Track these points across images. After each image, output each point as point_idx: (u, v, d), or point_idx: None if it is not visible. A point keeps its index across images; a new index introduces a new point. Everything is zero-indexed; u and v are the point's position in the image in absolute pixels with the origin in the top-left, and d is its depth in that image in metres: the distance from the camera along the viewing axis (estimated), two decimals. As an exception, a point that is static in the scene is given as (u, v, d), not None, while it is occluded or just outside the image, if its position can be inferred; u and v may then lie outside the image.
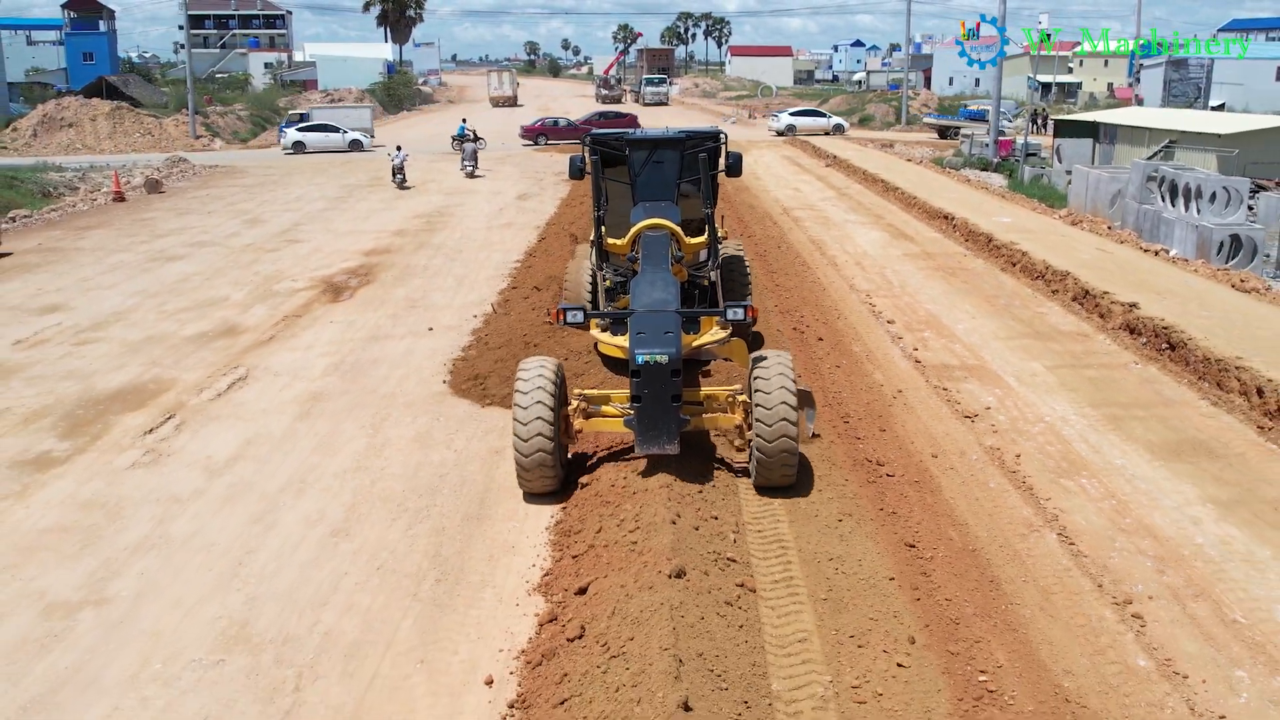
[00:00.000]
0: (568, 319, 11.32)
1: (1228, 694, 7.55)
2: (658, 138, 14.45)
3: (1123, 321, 17.05)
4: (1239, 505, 10.67)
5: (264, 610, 8.98)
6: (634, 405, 10.23)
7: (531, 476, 10.57)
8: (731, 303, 12.26)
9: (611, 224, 14.55)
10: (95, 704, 7.73)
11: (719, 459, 11.57)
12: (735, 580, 8.80)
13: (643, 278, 11.79)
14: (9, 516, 11.03)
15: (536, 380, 10.41)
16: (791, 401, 10.13)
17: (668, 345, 10.21)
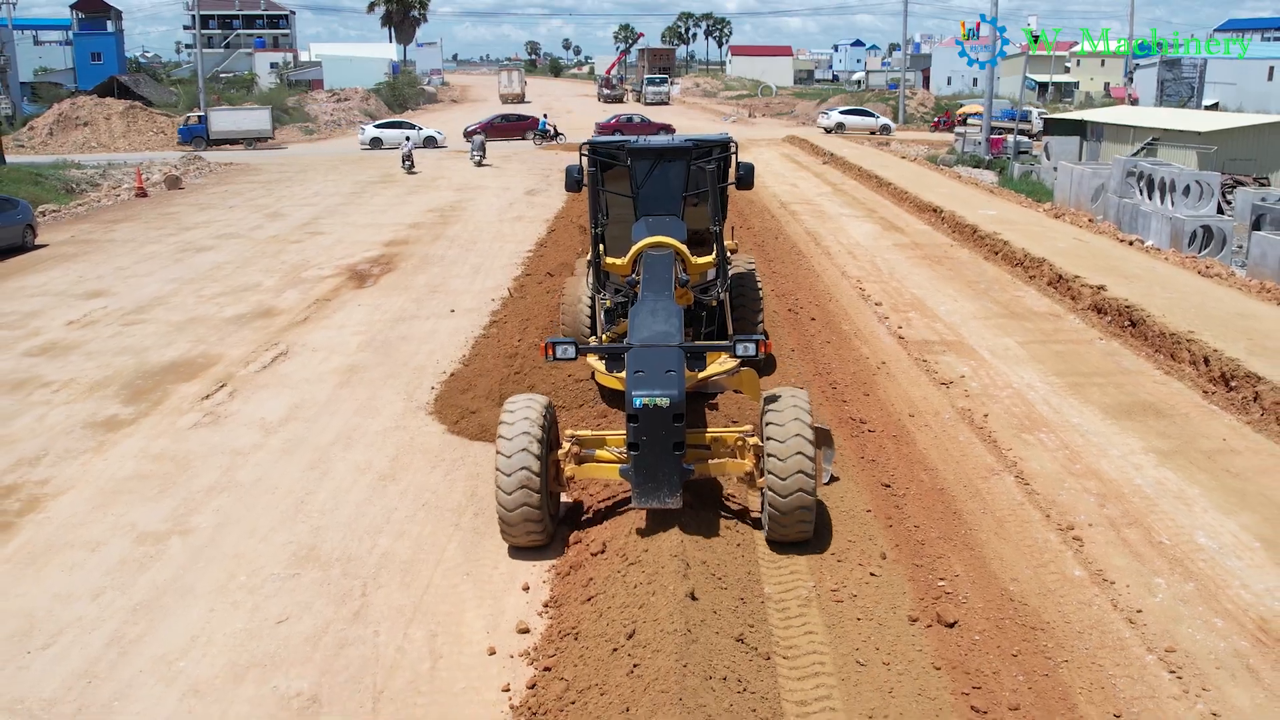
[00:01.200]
0: (557, 354, 10.02)
1: (1146, 595, 9.01)
2: (662, 146, 13.33)
3: (1091, 302, 18.52)
4: (1177, 454, 12.14)
5: (328, 537, 10.46)
6: (631, 453, 9.11)
7: (516, 531, 9.51)
8: (742, 336, 10.50)
9: (611, 240, 13.39)
10: (193, 607, 9.20)
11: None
12: (734, 506, 10.29)
13: (642, 306, 10.61)
14: (91, 467, 12.49)
15: (522, 422, 9.42)
16: (808, 450, 9.13)
17: (669, 386, 9.04)
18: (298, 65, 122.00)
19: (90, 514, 11.15)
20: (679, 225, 12.98)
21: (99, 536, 10.61)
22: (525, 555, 9.79)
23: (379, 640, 8.55)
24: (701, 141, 13.46)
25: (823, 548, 9.74)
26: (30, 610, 9.15)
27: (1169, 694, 7.62)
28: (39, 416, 14.29)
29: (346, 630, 8.70)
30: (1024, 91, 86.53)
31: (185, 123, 59.90)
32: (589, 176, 12.98)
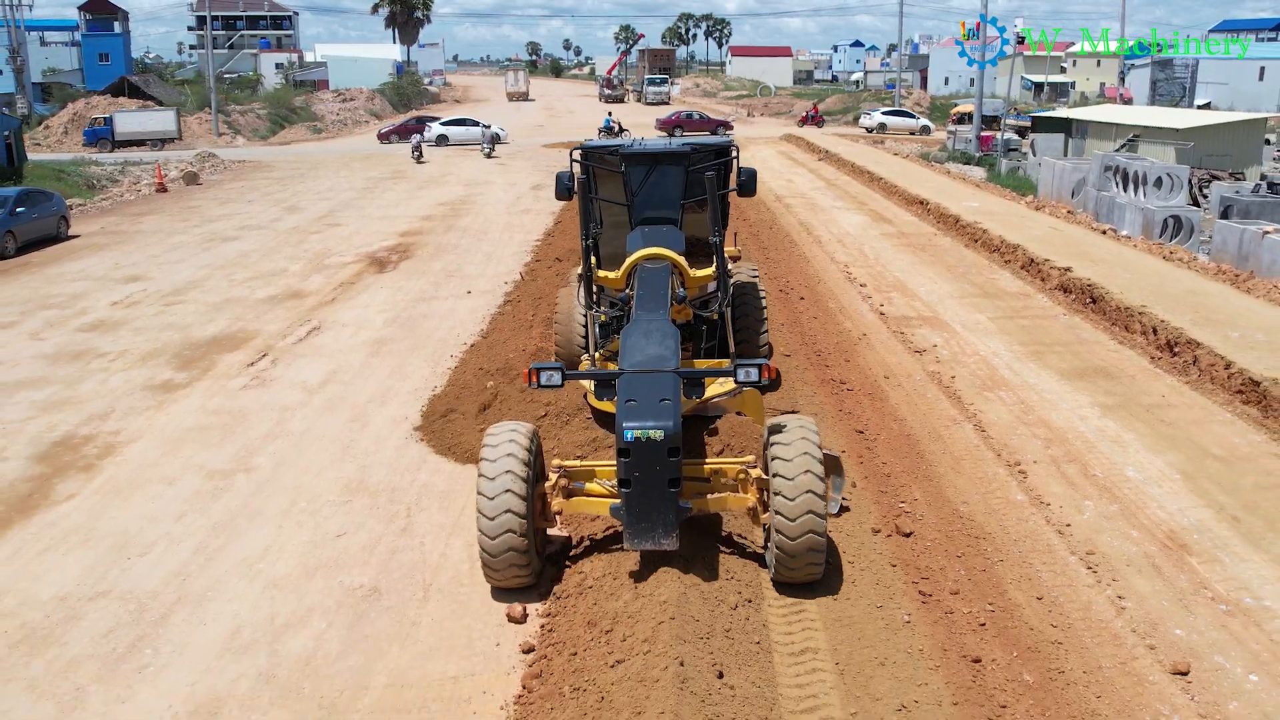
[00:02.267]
0: (541, 381, 9.09)
1: (1075, 514, 10.60)
2: (659, 151, 12.48)
3: (1058, 282, 20.11)
4: (1119, 408, 13.72)
5: (373, 473, 12.05)
6: (622, 490, 8.33)
7: (500, 573, 8.77)
8: (744, 360, 9.60)
9: (605, 251, 12.75)
10: (263, 526, 10.78)
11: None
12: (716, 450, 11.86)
13: (635, 327, 9.76)
14: (155, 421, 14.08)
15: (505, 454, 8.65)
16: (819, 487, 8.39)
17: (663, 418, 8.24)
18: (303, 66, 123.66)
19: (162, 457, 12.74)
20: (676, 235, 12.15)
21: (173, 474, 12.19)
22: (511, 595, 9.04)
23: (425, 548, 10.13)
24: (701, 145, 12.65)
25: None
26: (124, 529, 10.74)
27: (1085, 583, 9.20)
28: (100, 381, 15.87)
29: (396, 541, 10.29)
30: (1020, 92, 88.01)
31: (91, 124, 60.92)
32: (579, 184, 11.67)
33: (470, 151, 54.47)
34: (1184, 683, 7.74)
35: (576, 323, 13.53)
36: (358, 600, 9.19)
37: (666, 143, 12.98)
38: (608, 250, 12.78)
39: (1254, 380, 13.56)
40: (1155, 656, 8.06)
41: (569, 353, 13.60)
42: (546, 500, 9.19)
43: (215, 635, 8.69)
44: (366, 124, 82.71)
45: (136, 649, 8.51)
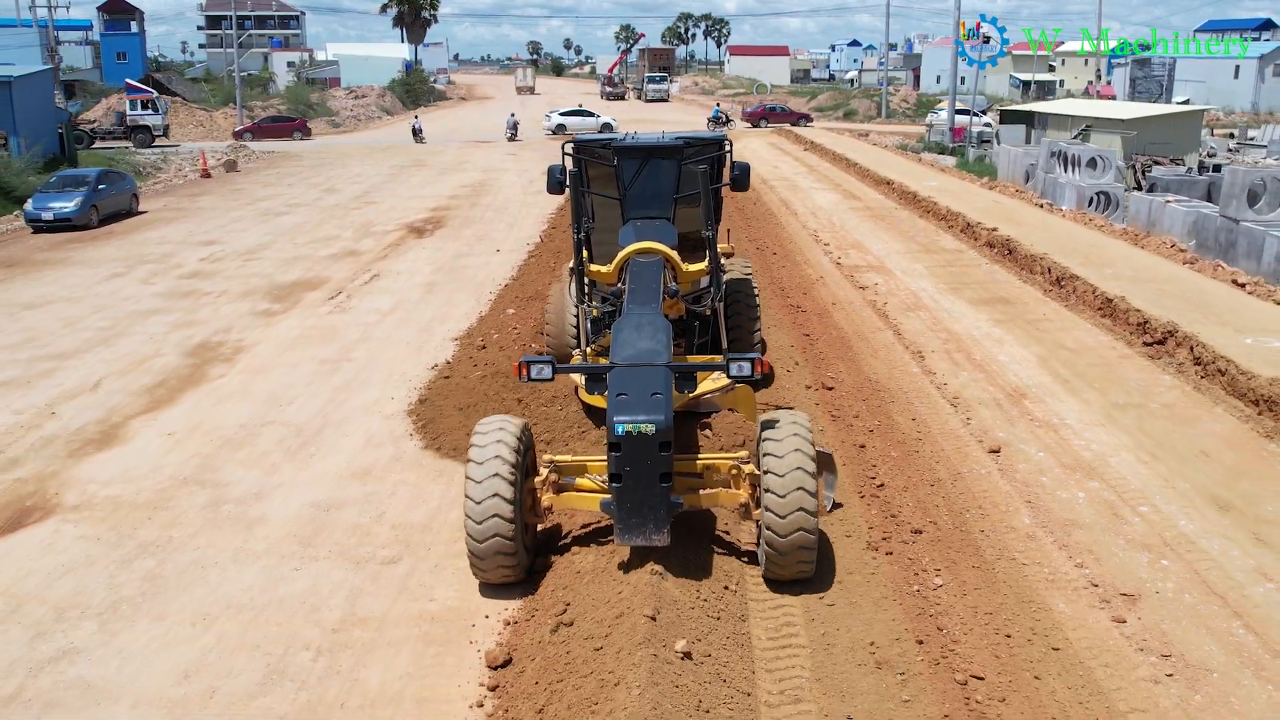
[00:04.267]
0: (532, 374, 8.95)
1: (952, 378, 14.82)
2: (651, 145, 12.46)
3: (986, 240, 24.38)
4: (1008, 321, 17.96)
5: (442, 358, 16.26)
6: (613, 485, 8.23)
7: (487, 566, 8.62)
8: (736, 354, 9.59)
9: (596, 245, 12.59)
10: (371, 389, 14.98)
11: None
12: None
13: (626, 320, 9.66)
14: (268, 332, 18.30)
15: (494, 447, 8.52)
16: (810, 484, 8.32)
17: (655, 411, 8.18)
18: (313, 64, 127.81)
19: (281, 354, 16.98)
20: (669, 229, 12.06)
21: (294, 362, 16.44)
22: (497, 592, 8.95)
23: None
24: (694, 139, 12.67)
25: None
26: (271, 391, 14.98)
27: (946, 412, 13.43)
28: (213, 310, 20.10)
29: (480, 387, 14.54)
30: (1009, 90, 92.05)
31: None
32: (571, 177, 11.93)
33: (482, 145, 58.66)
34: (996, 457, 11.97)
35: (568, 317, 13.52)
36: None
37: (659, 136, 12.88)
38: (599, 244, 12.57)
39: (1109, 299, 17.82)
40: (980, 444, 12.31)
41: (560, 347, 13.64)
42: (537, 496, 8.95)
43: (356, 440, 12.93)
44: (379, 120, 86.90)
45: (305, 447, 12.76)
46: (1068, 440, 12.44)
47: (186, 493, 11.44)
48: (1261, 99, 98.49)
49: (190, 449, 12.74)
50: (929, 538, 9.87)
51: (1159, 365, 15.28)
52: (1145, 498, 10.80)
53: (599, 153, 12.60)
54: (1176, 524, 10.20)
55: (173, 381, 15.52)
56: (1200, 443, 12.32)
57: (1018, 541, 9.84)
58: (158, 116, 59.89)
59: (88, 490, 11.57)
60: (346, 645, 8.33)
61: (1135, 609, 8.62)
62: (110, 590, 9.31)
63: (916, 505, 10.59)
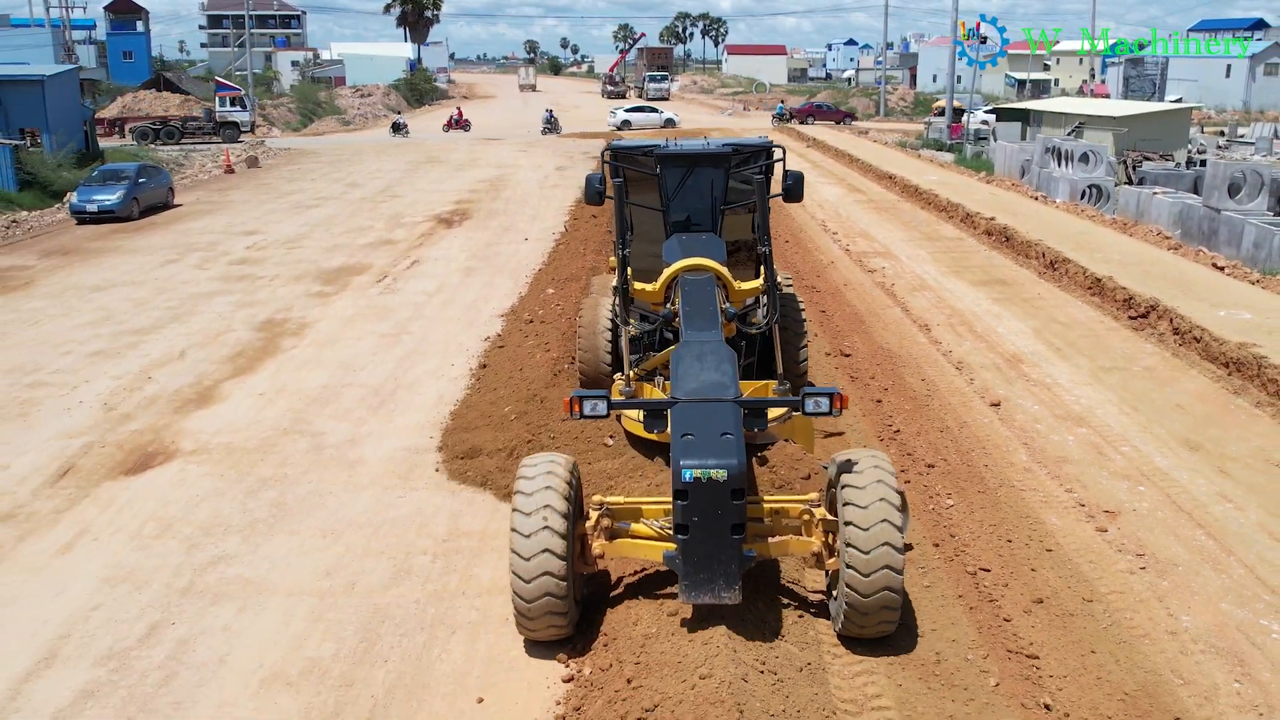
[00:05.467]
0: (585, 411, 8.10)
1: (956, 347, 16.48)
2: (697, 152, 11.56)
3: (985, 229, 26.05)
4: (1006, 300, 19.62)
5: (491, 331, 17.89)
6: (679, 537, 7.45)
7: (536, 626, 7.89)
8: (812, 389, 8.35)
9: (635, 258, 11.56)
10: (432, 357, 16.60)
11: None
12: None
13: (686, 349, 8.78)
14: (326, 310, 19.91)
15: (543, 494, 7.75)
16: (897, 538, 7.49)
17: (726, 455, 7.36)
18: (318, 63, 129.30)
19: (343, 328, 18.60)
20: (717, 244, 11.13)
21: (356, 336, 18.05)
22: (544, 648, 8.16)
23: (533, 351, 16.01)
24: (741, 146, 11.77)
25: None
26: (342, 359, 16.60)
27: (951, 374, 15.09)
28: (270, 291, 21.71)
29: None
30: (1004, 89, 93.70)
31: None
32: (615, 188, 11.05)
33: (491, 142, 60.27)
34: (996, 410, 13.62)
35: (603, 337, 12.62)
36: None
37: (704, 143, 12.07)
38: (638, 258, 11.74)
39: (1098, 279, 19.50)
40: (983, 400, 13.97)
41: (595, 370, 12.71)
42: (586, 542, 8.17)
43: (429, 398, 14.56)
44: (386, 118, 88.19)
45: (384, 404, 14.39)
46: (1059, 396, 14.11)
47: (289, 440, 13.07)
48: (1253, 98, 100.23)
49: (282, 406, 14.37)
50: (940, 471, 11.53)
51: (1142, 336, 16.96)
52: (1126, 440, 12.47)
53: (640, 160, 11.72)
54: (1152, 460, 11.86)
55: (250, 352, 17.13)
56: (1175, 398, 14.00)
57: (1016, 474, 11.51)
58: (245, 113, 62.15)
59: (200, 438, 13.19)
60: (457, 550, 9.97)
61: (1115, 522, 10.28)
62: (244, 514, 10.94)
63: (928, 447, 12.24)
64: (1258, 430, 12.84)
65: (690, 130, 62.12)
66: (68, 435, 13.34)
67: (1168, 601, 8.81)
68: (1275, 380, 13.73)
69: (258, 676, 8.01)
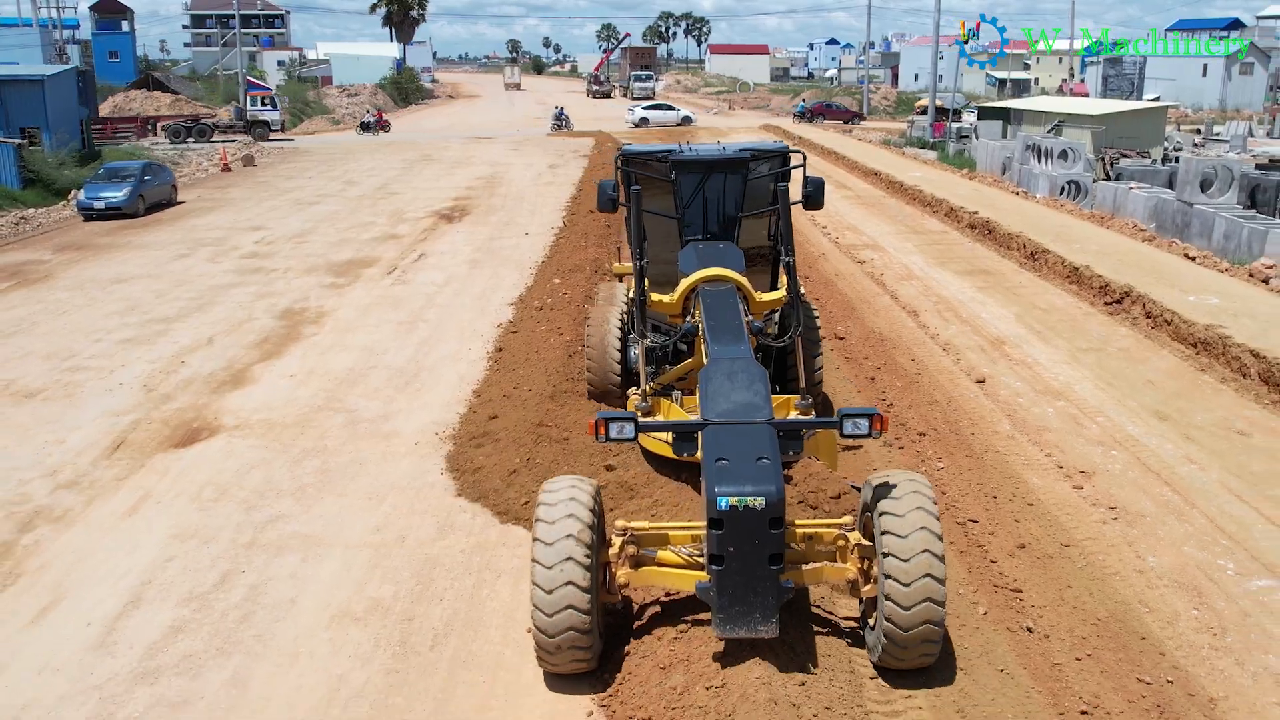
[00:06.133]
0: (611, 434, 7.76)
1: (943, 330, 17.54)
2: (714, 158, 11.26)
3: (968, 222, 27.17)
4: (989, 288, 20.71)
5: (503, 318, 18.85)
6: (713, 568, 7.08)
7: (558, 660, 7.54)
8: (851, 410, 7.86)
9: (650, 269, 11.03)
10: (449, 342, 17.53)
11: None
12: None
13: (716, 367, 8.34)
14: (343, 300, 20.82)
15: (566, 523, 7.37)
16: (939, 569, 7.15)
17: (764, 481, 6.99)
18: (304, 62, 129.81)
19: (361, 316, 19.53)
20: (735, 253, 10.84)
21: (374, 323, 18.98)
22: (568, 682, 7.77)
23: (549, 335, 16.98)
24: (759, 151, 11.49)
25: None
26: (364, 344, 17.53)
27: (939, 355, 16.15)
28: (286, 282, 22.61)
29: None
30: (985, 88, 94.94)
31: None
32: (632, 195, 10.59)
33: (482, 141, 61.16)
34: (981, 386, 14.67)
35: (612, 350, 12.30)
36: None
37: (721, 148, 11.69)
38: (650, 268, 11.11)
39: (1075, 268, 20.61)
40: (969, 377, 15.02)
41: (603, 383, 12.51)
42: (610, 570, 7.83)
43: (451, 379, 15.50)
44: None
45: (409, 384, 15.34)
46: (1040, 374, 15.19)
47: (324, 416, 14.02)
48: (1229, 96, 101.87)
49: (313, 387, 15.32)
50: (930, 439, 12.57)
51: (1117, 320, 18.07)
52: (1101, 412, 13.54)
53: (653, 165, 11.41)
54: (1125, 429, 12.94)
55: (274, 338, 18.06)
56: (1147, 375, 15.09)
57: (1000, 440, 12.57)
58: (275, 112, 63.57)
59: (240, 415, 14.13)
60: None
61: (1090, 481, 11.34)
62: (292, 480, 11.89)
63: (920, 418, 13.29)
64: (1221, 402, 13.93)
65: (699, 129, 63.14)
66: (114, 414, 14.24)
67: (1136, 546, 9.87)
68: (1238, 358, 14.83)
69: (327, 614, 8.97)
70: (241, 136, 60.06)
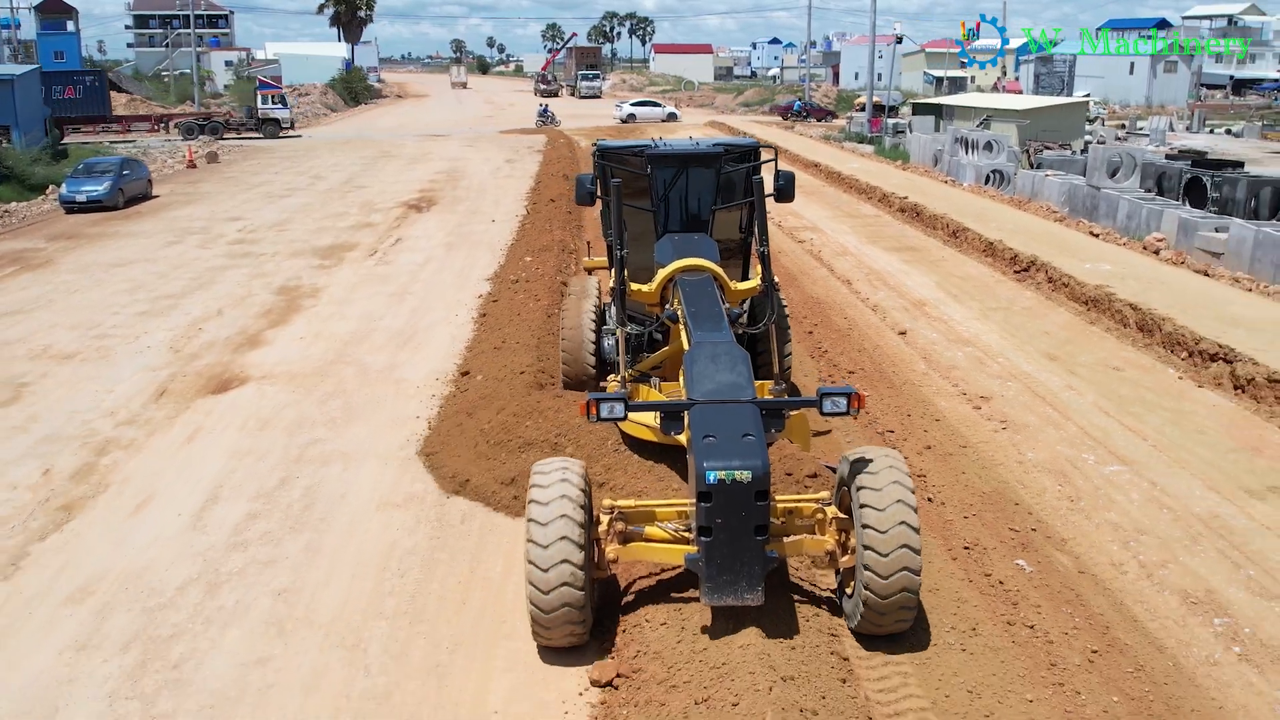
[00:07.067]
0: (602, 414, 8.17)
1: (872, 294, 20.03)
2: (688, 152, 11.78)
3: (899, 207, 29.80)
4: (915, 262, 23.26)
5: (484, 290, 21.04)
6: (702, 539, 7.50)
7: (554, 635, 7.95)
8: (829, 388, 8.27)
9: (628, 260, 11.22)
10: (438, 309, 19.65)
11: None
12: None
13: (699, 350, 8.77)
14: (332, 279, 22.87)
15: (559, 504, 7.76)
16: (915, 540, 7.60)
17: (750, 456, 7.42)
18: (252, 62, 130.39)
19: (352, 291, 21.61)
20: (710, 244, 11.32)
21: (366, 296, 21.08)
22: (561, 655, 8.21)
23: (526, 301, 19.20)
24: (732, 146, 11.96)
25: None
26: (361, 312, 19.64)
27: (870, 315, 18.63)
28: (275, 264, 24.60)
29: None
30: (923, 86, 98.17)
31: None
32: (613, 188, 10.84)
33: (438, 138, 63.07)
34: (903, 337, 17.16)
35: (587, 342, 12.81)
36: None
37: (695, 143, 12.20)
38: (628, 259, 11.25)
39: (990, 243, 23.25)
40: (892, 330, 17.51)
41: (579, 372, 12.99)
42: (600, 547, 8.23)
43: (444, 338, 17.69)
44: (325, 116, 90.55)
45: (409, 343, 17.51)
46: (953, 327, 17.72)
47: (338, 368, 16.16)
48: (1154, 93, 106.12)
49: (323, 346, 17.43)
50: (858, 376, 15.02)
51: (1023, 285, 20.70)
52: (1002, 355, 16.09)
53: (629, 160, 11.84)
54: (1020, 366, 15.48)
55: (277, 310, 20.11)
56: (1044, 327, 17.68)
57: (916, 376, 15.05)
58: (286, 110, 65.45)
59: (263, 368, 16.22)
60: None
61: (987, 404, 13.84)
62: (322, 414, 14.05)
63: (850, 361, 15.74)
64: (1104, 347, 16.54)
65: (647, 127, 65.37)
66: (150, 369, 16.28)
67: (1019, 446, 12.37)
68: (1120, 311, 17.46)
69: (373, 503, 11.19)
70: (252, 134, 62.52)
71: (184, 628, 8.83)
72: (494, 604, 9.13)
